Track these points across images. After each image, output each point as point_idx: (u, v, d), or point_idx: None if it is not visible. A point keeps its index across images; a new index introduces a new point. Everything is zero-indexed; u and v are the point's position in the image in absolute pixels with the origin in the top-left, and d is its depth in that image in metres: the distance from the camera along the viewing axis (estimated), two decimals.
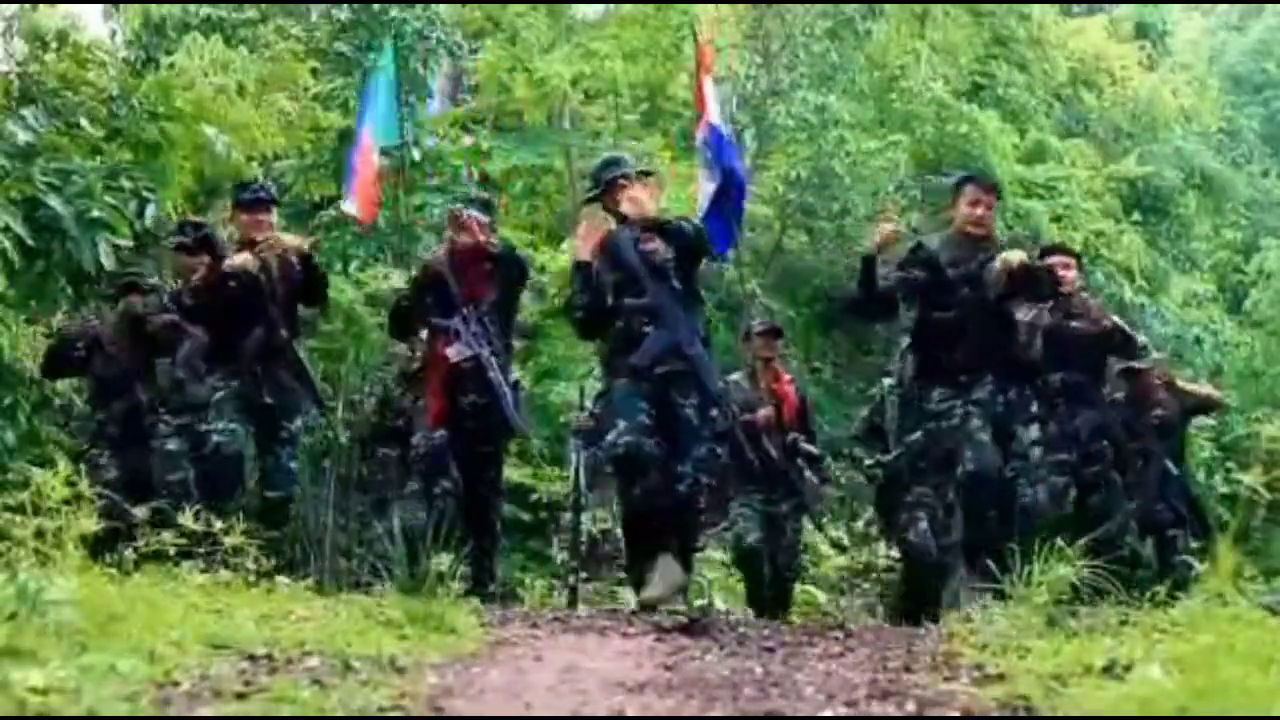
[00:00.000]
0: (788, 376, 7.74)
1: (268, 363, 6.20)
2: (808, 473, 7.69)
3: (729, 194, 6.83)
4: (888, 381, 7.67)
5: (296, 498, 7.14)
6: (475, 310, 6.15)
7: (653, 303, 5.32)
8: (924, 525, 7.20)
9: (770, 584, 7.58)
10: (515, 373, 6.62)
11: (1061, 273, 6.42)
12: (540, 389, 11.80)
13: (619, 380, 5.36)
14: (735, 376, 7.73)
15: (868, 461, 7.94)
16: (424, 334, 6.57)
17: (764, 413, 7.28)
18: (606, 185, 5.50)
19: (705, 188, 6.96)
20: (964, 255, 5.74)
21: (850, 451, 13.74)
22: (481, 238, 6.30)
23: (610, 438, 5.29)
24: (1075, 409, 6.43)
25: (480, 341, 6.10)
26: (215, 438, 6.04)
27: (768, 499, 7.40)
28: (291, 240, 6.32)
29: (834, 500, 13.45)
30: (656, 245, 5.43)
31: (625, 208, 5.38)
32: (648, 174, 5.66)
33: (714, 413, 5.44)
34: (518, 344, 7.25)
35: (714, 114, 7.18)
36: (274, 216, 6.43)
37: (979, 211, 5.77)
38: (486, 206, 6.68)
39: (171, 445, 6.80)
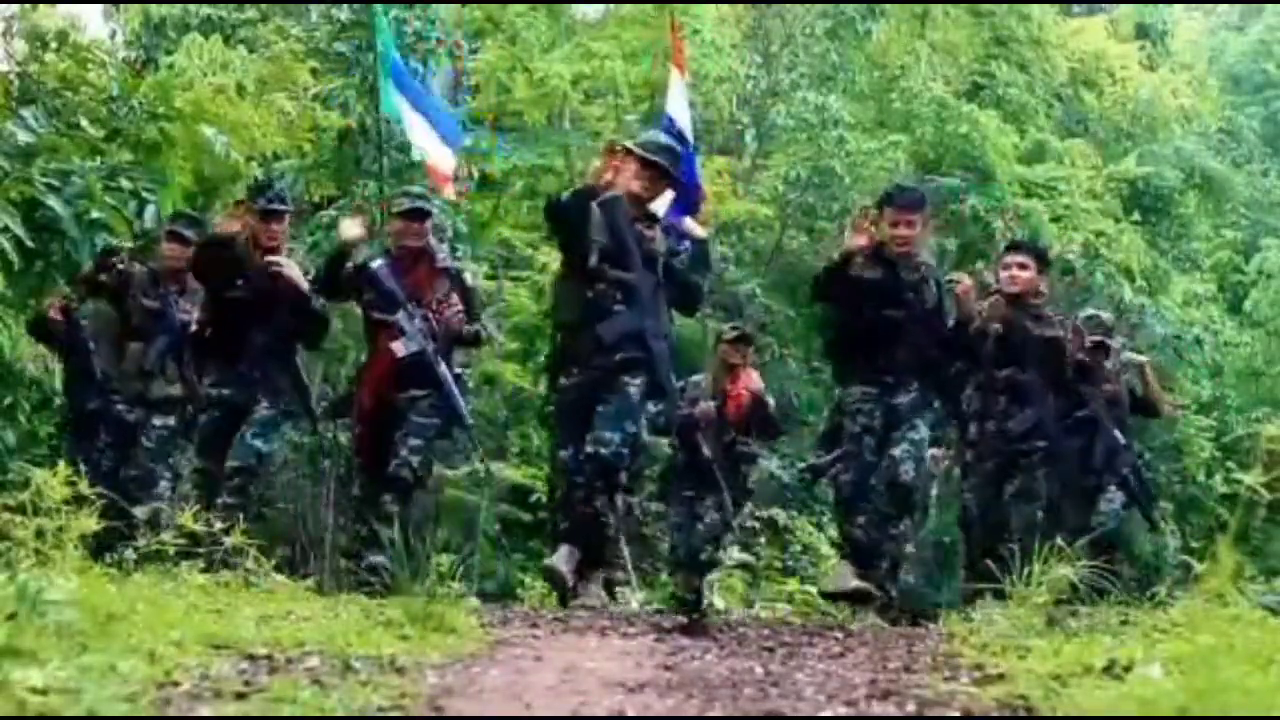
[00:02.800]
0: (749, 382, 7.74)
1: (267, 367, 6.25)
2: (748, 471, 7.72)
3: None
4: None
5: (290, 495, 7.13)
6: (418, 306, 6.18)
7: (634, 281, 5.33)
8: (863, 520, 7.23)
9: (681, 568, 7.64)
10: (459, 368, 6.61)
11: (1015, 273, 6.39)
12: (540, 389, 11.79)
13: (566, 380, 5.43)
14: (697, 377, 7.78)
15: (800, 465, 8.01)
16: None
17: (703, 407, 7.33)
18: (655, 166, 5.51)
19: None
20: (901, 262, 5.83)
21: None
22: (428, 242, 6.38)
23: (563, 455, 5.43)
24: (1013, 408, 6.37)
25: (425, 337, 6.13)
26: (193, 477, 6.22)
27: (694, 497, 7.46)
28: (295, 276, 6.28)
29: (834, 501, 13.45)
30: (655, 236, 5.46)
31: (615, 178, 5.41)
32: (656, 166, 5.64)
33: (659, 404, 5.50)
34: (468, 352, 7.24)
35: (671, 106, 7.21)
36: (287, 224, 6.48)
37: (901, 232, 5.80)
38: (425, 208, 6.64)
39: (106, 461, 6.78)
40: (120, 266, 6.88)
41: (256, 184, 6.89)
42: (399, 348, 6.09)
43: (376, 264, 6.22)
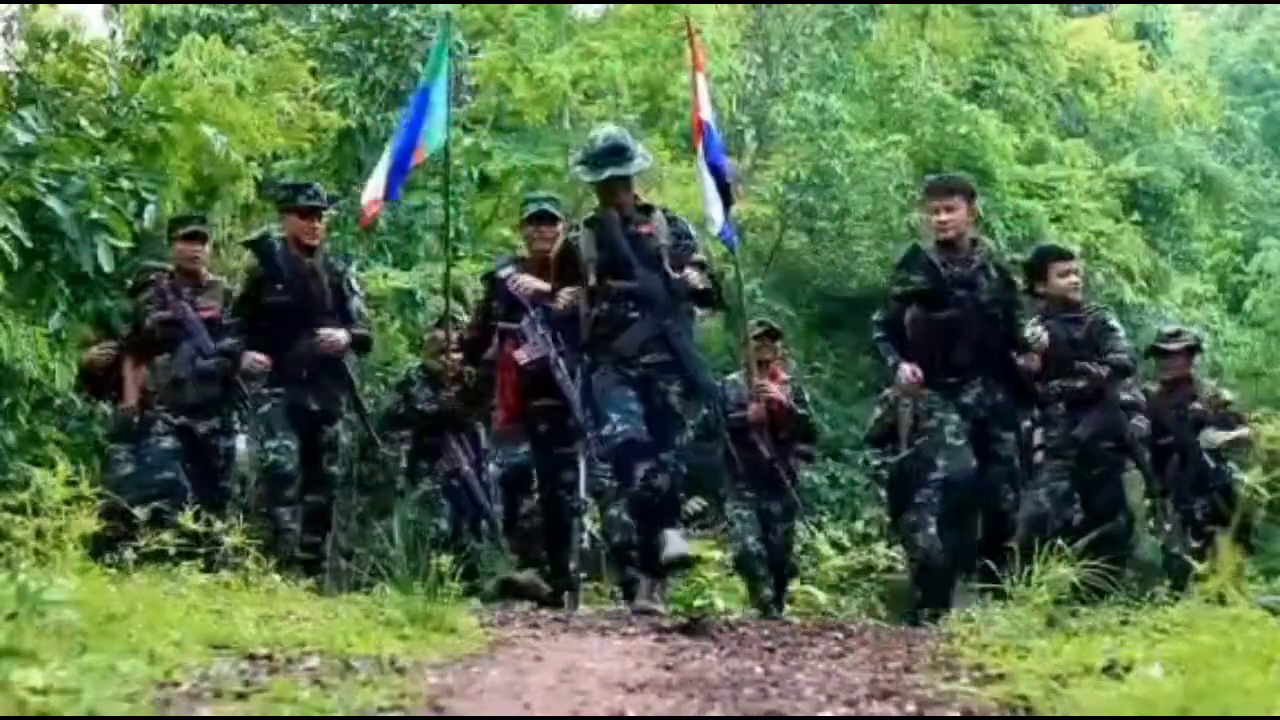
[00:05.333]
0: (785, 377, 7.71)
1: (315, 370, 6.26)
2: (798, 467, 7.72)
3: (723, 189, 6.96)
4: None
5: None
6: (542, 312, 6.10)
7: (641, 288, 5.29)
8: (932, 529, 7.19)
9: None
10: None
11: (1062, 280, 6.41)
12: None
13: (602, 370, 5.34)
14: (733, 376, 7.74)
15: (874, 463, 7.98)
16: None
17: (754, 408, 7.30)
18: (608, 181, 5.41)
19: (708, 192, 7.03)
20: (952, 258, 5.70)
21: (843, 452, 13.77)
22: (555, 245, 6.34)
23: (605, 431, 5.27)
24: (1076, 413, 6.41)
25: (548, 343, 6.08)
26: (271, 455, 6.16)
27: (758, 497, 7.40)
28: (339, 340, 6.33)
29: (834, 500, 13.47)
30: (654, 229, 5.40)
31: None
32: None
33: (700, 402, 5.45)
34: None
35: (705, 111, 7.25)
36: (325, 222, 6.49)
37: (941, 218, 5.72)
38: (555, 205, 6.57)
39: (166, 444, 6.69)
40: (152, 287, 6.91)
41: (293, 184, 6.85)
42: (521, 355, 6.02)
43: (505, 272, 6.24)
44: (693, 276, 5.36)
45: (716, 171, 7.07)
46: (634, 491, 5.21)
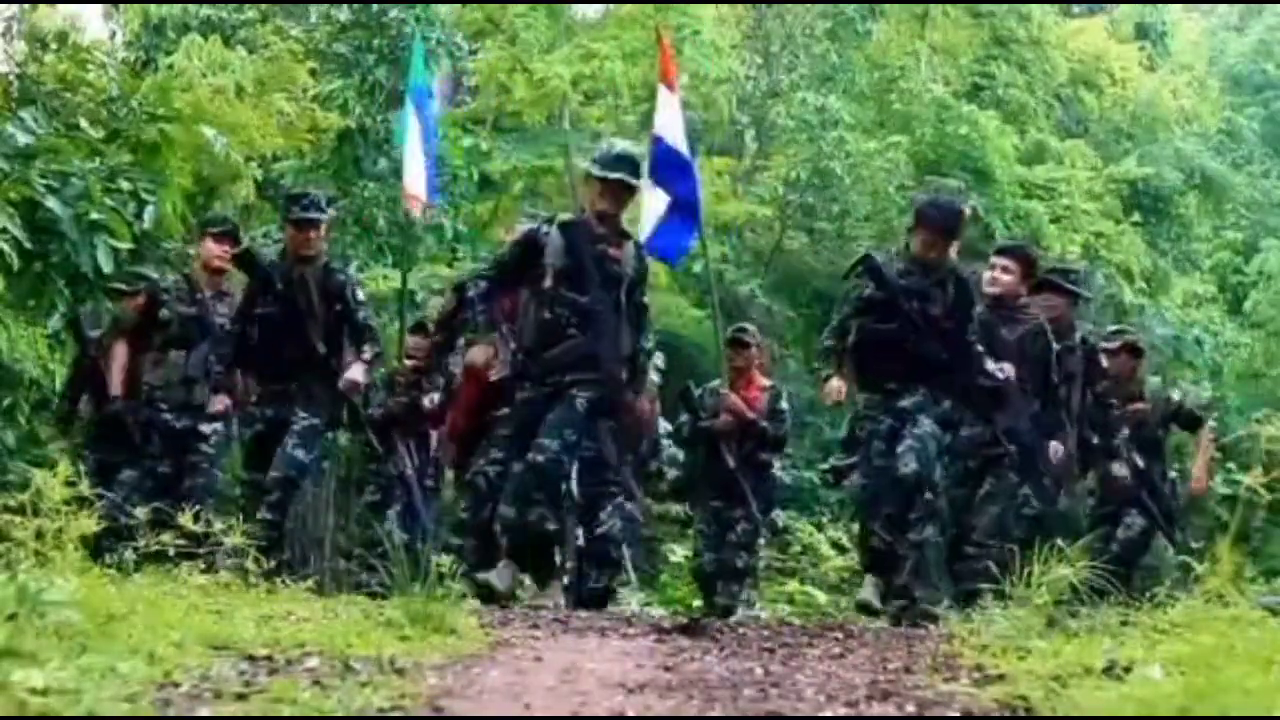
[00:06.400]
0: (762, 384, 7.66)
1: (303, 378, 6.18)
2: (770, 476, 7.71)
3: (677, 208, 6.83)
4: None
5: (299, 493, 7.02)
6: (511, 326, 6.09)
7: (588, 304, 5.27)
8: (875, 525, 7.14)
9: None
10: None
11: (998, 275, 6.27)
12: None
13: (521, 396, 5.37)
14: (715, 384, 7.73)
15: (823, 466, 7.97)
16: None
17: (721, 418, 7.30)
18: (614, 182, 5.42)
19: (652, 204, 6.90)
20: (916, 271, 5.67)
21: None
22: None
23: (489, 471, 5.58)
24: (971, 420, 6.23)
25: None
26: (245, 489, 6.26)
27: (723, 507, 7.42)
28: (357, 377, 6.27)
29: (834, 501, 13.48)
30: (623, 255, 5.39)
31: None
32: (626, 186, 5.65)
33: (604, 414, 5.43)
34: None
35: (661, 125, 7.07)
36: (323, 231, 6.39)
37: (931, 255, 5.65)
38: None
39: (163, 468, 6.69)
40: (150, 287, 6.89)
41: (292, 194, 6.74)
42: (491, 370, 5.95)
43: (472, 289, 6.24)
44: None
45: (665, 186, 6.89)
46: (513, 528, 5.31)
